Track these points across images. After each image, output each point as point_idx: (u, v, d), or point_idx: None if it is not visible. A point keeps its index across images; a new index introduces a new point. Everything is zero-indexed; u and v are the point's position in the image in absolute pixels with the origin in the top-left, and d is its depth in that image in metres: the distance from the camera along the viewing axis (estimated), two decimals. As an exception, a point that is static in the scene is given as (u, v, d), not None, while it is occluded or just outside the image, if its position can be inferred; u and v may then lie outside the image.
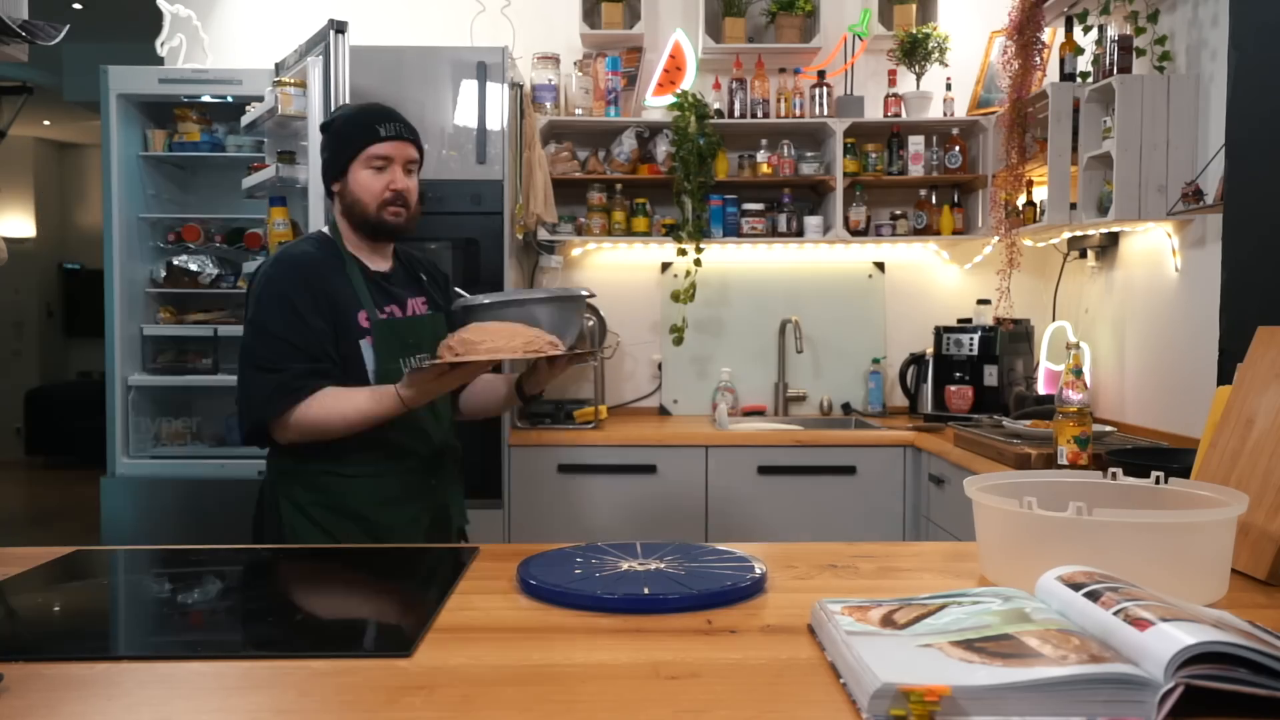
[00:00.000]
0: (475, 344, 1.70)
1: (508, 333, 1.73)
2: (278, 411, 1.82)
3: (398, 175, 1.95)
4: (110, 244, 3.73)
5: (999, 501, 1.28)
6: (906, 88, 3.90)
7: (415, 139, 2.00)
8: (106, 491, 3.62)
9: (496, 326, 1.76)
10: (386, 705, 0.93)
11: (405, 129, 1.98)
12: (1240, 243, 1.80)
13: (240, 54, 4.04)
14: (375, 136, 1.94)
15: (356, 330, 1.91)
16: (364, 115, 1.98)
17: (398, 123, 1.97)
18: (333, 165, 1.98)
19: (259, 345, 1.85)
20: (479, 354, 1.68)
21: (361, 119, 1.97)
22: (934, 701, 0.83)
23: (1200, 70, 2.96)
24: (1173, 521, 1.19)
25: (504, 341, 1.71)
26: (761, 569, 1.34)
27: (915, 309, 4.09)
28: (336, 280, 1.92)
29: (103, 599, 1.39)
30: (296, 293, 1.86)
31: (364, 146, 1.94)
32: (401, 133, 1.96)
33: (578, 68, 3.93)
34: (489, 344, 1.69)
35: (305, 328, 1.85)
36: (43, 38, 1.62)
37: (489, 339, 1.70)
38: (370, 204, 1.94)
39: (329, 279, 1.91)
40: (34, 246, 9.53)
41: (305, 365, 1.84)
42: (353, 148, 1.95)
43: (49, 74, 7.04)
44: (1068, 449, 2.35)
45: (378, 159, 1.94)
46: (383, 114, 1.98)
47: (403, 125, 1.98)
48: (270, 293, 1.88)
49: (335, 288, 1.91)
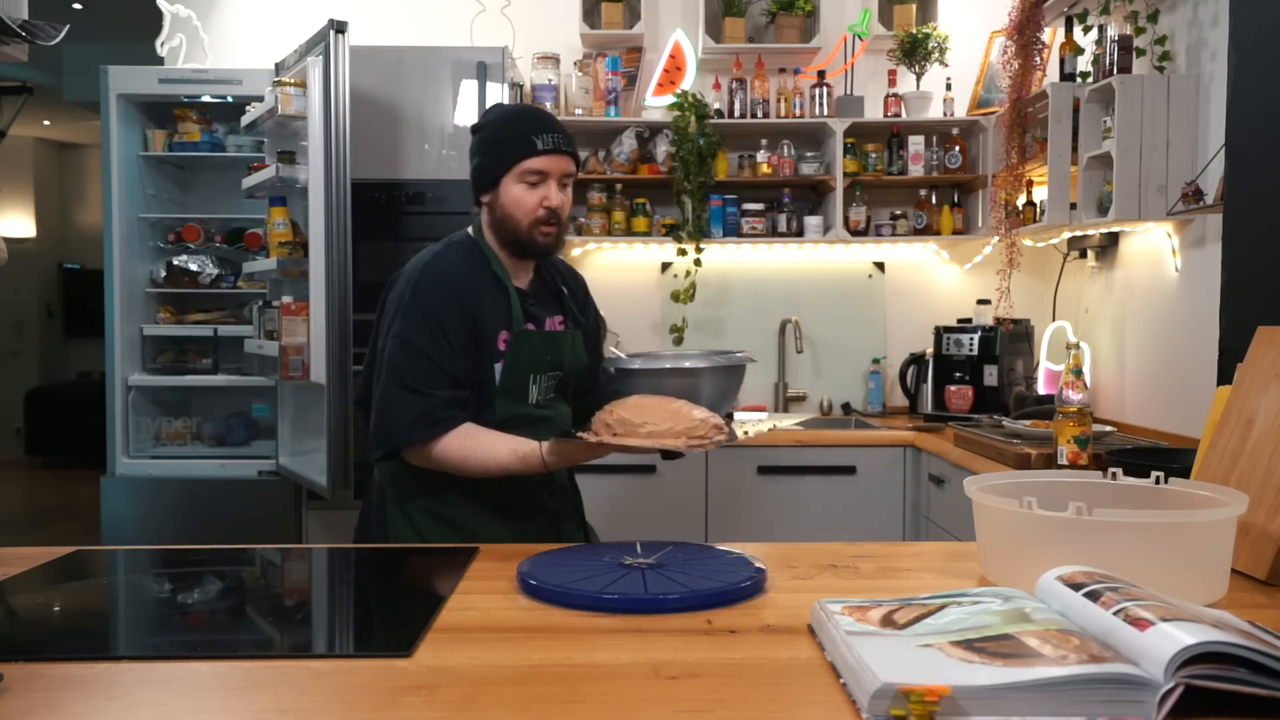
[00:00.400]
0: (635, 425, 1.54)
1: (669, 414, 1.56)
2: (420, 442, 1.75)
3: (552, 191, 1.81)
4: (110, 244, 3.73)
5: (999, 501, 1.28)
6: (906, 88, 3.90)
7: (572, 150, 1.84)
8: (106, 491, 3.62)
9: (656, 405, 1.59)
10: (386, 705, 0.93)
11: (563, 140, 1.82)
12: (1240, 243, 1.80)
13: (240, 54, 4.04)
14: (531, 149, 1.79)
15: (494, 353, 1.82)
16: (519, 124, 1.82)
17: (555, 134, 1.81)
18: (484, 176, 1.84)
19: (404, 362, 1.76)
20: (639, 437, 1.53)
21: (517, 128, 1.81)
22: (934, 701, 0.83)
23: (1200, 70, 2.96)
24: (1173, 521, 1.19)
25: (666, 425, 1.53)
26: (761, 569, 1.34)
27: (915, 309, 4.09)
28: (483, 298, 1.82)
29: (103, 599, 1.39)
30: (445, 310, 1.77)
31: (519, 160, 1.79)
32: (559, 145, 1.81)
33: (578, 68, 3.93)
34: (650, 427, 1.53)
35: (451, 349, 1.76)
36: (43, 38, 1.62)
37: (650, 420, 1.54)
38: (523, 221, 1.81)
39: (476, 297, 1.81)
40: (34, 246, 9.53)
41: (449, 392, 1.76)
42: (507, 160, 1.80)
43: (49, 74, 7.04)
44: (1068, 449, 2.35)
45: (532, 173, 1.79)
46: (540, 123, 1.81)
47: (560, 136, 1.82)
48: (418, 307, 1.78)
49: (481, 307, 1.81)
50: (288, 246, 3.29)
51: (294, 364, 3.17)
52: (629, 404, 1.60)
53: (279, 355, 3.20)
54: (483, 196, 1.86)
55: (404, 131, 3.43)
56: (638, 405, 1.59)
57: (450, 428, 1.75)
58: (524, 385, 1.85)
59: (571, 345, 1.94)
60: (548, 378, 1.90)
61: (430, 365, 1.75)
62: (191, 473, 3.64)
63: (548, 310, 1.93)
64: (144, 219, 3.88)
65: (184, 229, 3.91)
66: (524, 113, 1.87)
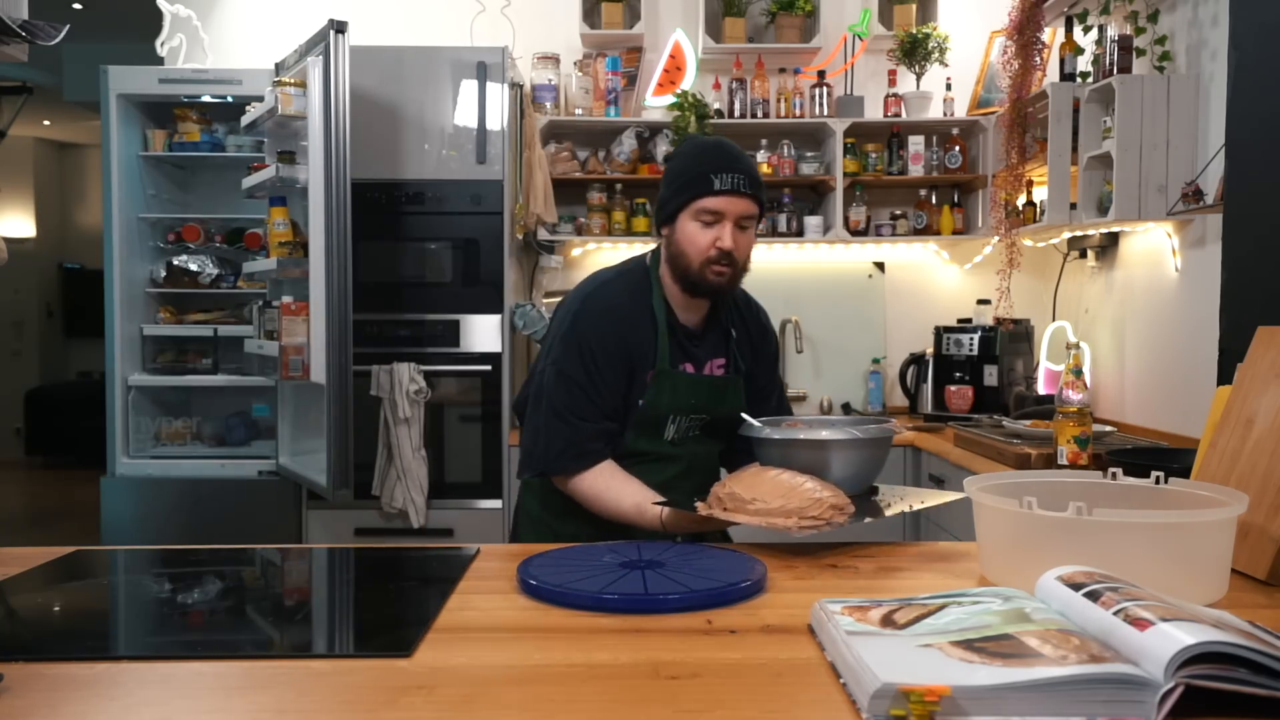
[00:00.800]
0: (744, 502, 1.49)
1: (782, 490, 1.49)
2: (564, 472, 1.81)
3: (726, 232, 1.77)
4: (110, 244, 3.73)
5: (999, 501, 1.28)
6: (906, 88, 3.90)
7: (754, 192, 1.79)
8: (106, 491, 3.62)
9: (772, 480, 1.53)
10: (386, 705, 0.93)
11: (744, 182, 1.77)
12: (1240, 243, 1.80)
13: (240, 54, 4.04)
14: (708, 189, 1.76)
15: (643, 388, 1.83)
16: (702, 161, 1.79)
17: (737, 174, 1.77)
18: (663, 209, 1.84)
19: (558, 391, 1.80)
20: (746, 514, 1.48)
21: (699, 165, 1.79)
22: (934, 701, 0.83)
23: (1200, 70, 2.96)
24: (1173, 521, 1.19)
25: (777, 503, 1.47)
26: (761, 569, 1.34)
27: (915, 309, 4.09)
28: (640, 336, 1.83)
29: (103, 599, 1.39)
30: (601, 345, 1.80)
31: (695, 197, 1.78)
32: (739, 186, 1.76)
33: (578, 68, 3.93)
34: (759, 504, 1.48)
35: (603, 381, 1.79)
36: (43, 38, 1.62)
37: (760, 497, 1.49)
38: (694, 260, 1.79)
39: (633, 334, 1.82)
40: (34, 246, 9.53)
41: (597, 425, 1.79)
42: (684, 196, 1.79)
43: (49, 74, 7.04)
44: (1068, 449, 2.35)
45: (708, 213, 1.77)
46: (721, 161, 1.78)
47: (742, 177, 1.77)
48: (575, 337, 1.81)
49: (636, 345, 1.82)
50: (288, 246, 3.29)
51: (294, 364, 3.17)
52: (744, 477, 1.57)
53: (279, 355, 3.20)
54: (663, 229, 1.85)
55: (404, 131, 3.43)
56: (753, 479, 1.55)
57: (594, 462, 1.79)
58: (661, 423, 1.85)
59: (726, 391, 1.90)
60: (689, 419, 1.88)
61: (582, 396, 1.79)
62: (191, 473, 3.64)
63: (711, 352, 1.91)
64: (144, 219, 3.88)
65: (184, 229, 3.91)
66: (709, 149, 1.82)
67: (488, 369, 3.46)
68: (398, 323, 3.46)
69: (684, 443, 1.90)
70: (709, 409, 1.89)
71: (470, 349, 3.47)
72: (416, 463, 3.37)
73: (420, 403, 3.38)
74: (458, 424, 3.50)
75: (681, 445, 1.90)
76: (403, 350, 3.44)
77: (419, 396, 3.37)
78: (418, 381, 3.36)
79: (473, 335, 3.47)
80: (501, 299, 3.46)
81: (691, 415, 1.88)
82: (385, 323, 3.45)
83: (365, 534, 3.45)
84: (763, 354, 2.01)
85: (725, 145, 1.83)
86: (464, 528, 3.45)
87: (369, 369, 3.34)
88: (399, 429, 3.35)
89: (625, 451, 1.84)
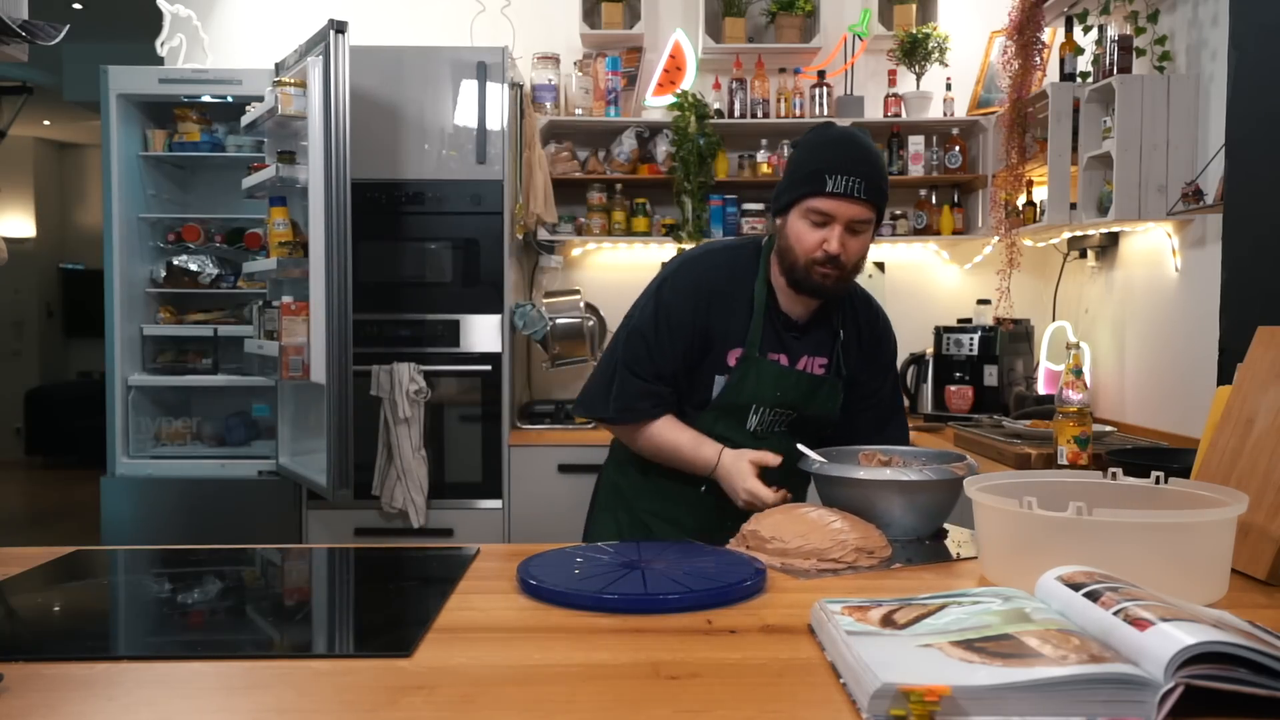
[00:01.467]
0: (764, 540, 1.47)
1: (803, 530, 1.46)
2: (610, 421, 1.87)
3: (835, 235, 1.70)
4: (110, 244, 3.73)
5: (999, 501, 1.28)
6: (906, 88, 3.90)
7: (871, 197, 1.70)
8: (106, 491, 3.62)
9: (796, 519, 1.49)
10: (386, 705, 0.93)
11: (860, 186, 1.68)
12: (1240, 243, 1.80)
13: (240, 54, 4.04)
14: (820, 189, 1.69)
15: (720, 365, 1.81)
16: (820, 157, 1.72)
17: (853, 178, 1.68)
18: (778, 200, 1.79)
19: (626, 343, 1.84)
20: (765, 555, 1.45)
21: (816, 161, 1.71)
22: (934, 701, 0.83)
23: (1200, 70, 2.96)
24: (1173, 521, 1.19)
25: (795, 543, 1.44)
26: (761, 569, 1.34)
27: (915, 309, 4.09)
28: (728, 312, 1.80)
29: (103, 599, 1.39)
30: (678, 313, 1.80)
31: (806, 196, 1.71)
32: (852, 190, 1.68)
33: (578, 68, 3.93)
34: (778, 544, 1.45)
35: (670, 346, 1.80)
36: (43, 38, 1.62)
37: (780, 536, 1.46)
38: (800, 258, 1.74)
39: (720, 308, 1.80)
40: (34, 246, 9.53)
41: (649, 384, 1.81)
42: (796, 191, 1.73)
43: (49, 74, 7.04)
44: (1068, 449, 2.35)
45: (816, 213, 1.71)
46: (839, 161, 1.69)
47: (858, 181, 1.68)
48: (657, 298, 1.83)
49: (721, 320, 1.80)
50: (288, 246, 3.29)
51: (294, 364, 3.17)
52: (772, 516, 1.53)
53: (279, 355, 3.20)
54: (777, 218, 1.81)
55: (404, 131, 3.43)
56: (779, 519, 1.51)
57: (641, 419, 1.83)
58: (743, 412, 1.83)
59: (818, 391, 1.85)
60: (773, 412, 1.84)
61: (645, 354, 1.81)
62: (191, 473, 3.64)
63: (813, 349, 1.85)
64: (144, 219, 3.88)
65: (184, 229, 3.91)
66: (831, 144, 1.74)
67: (488, 369, 3.46)
68: (398, 323, 3.46)
69: (768, 437, 1.85)
70: (796, 405, 1.84)
71: (470, 349, 3.47)
72: (416, 463, 3.37)
73: (420, 403, 3.38)
74: (458, 424, 3.50)
75: (765, 440, 1.84)
76: (403, 350, 3.44)
77: (419, 396, 3.37)
78: (418, 381, 3.36)
79: (473, 335, 3.47)
80: (501, 299, 3.46)
81: (776, 409, 1.84)
82: (385, 323, 3.45)
83: (365, 534, 3.45)
84: (875, 361, 1.93)
85: (849, 142, 1.74)
86: (464, 528, 3.45)
87: (369, 369, 3.34)
88: (399, 429, 3.35)
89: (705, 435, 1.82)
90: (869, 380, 1.92)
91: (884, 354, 1.96)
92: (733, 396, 1.82)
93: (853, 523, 1.49)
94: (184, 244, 3.92)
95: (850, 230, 1.72)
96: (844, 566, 1.41)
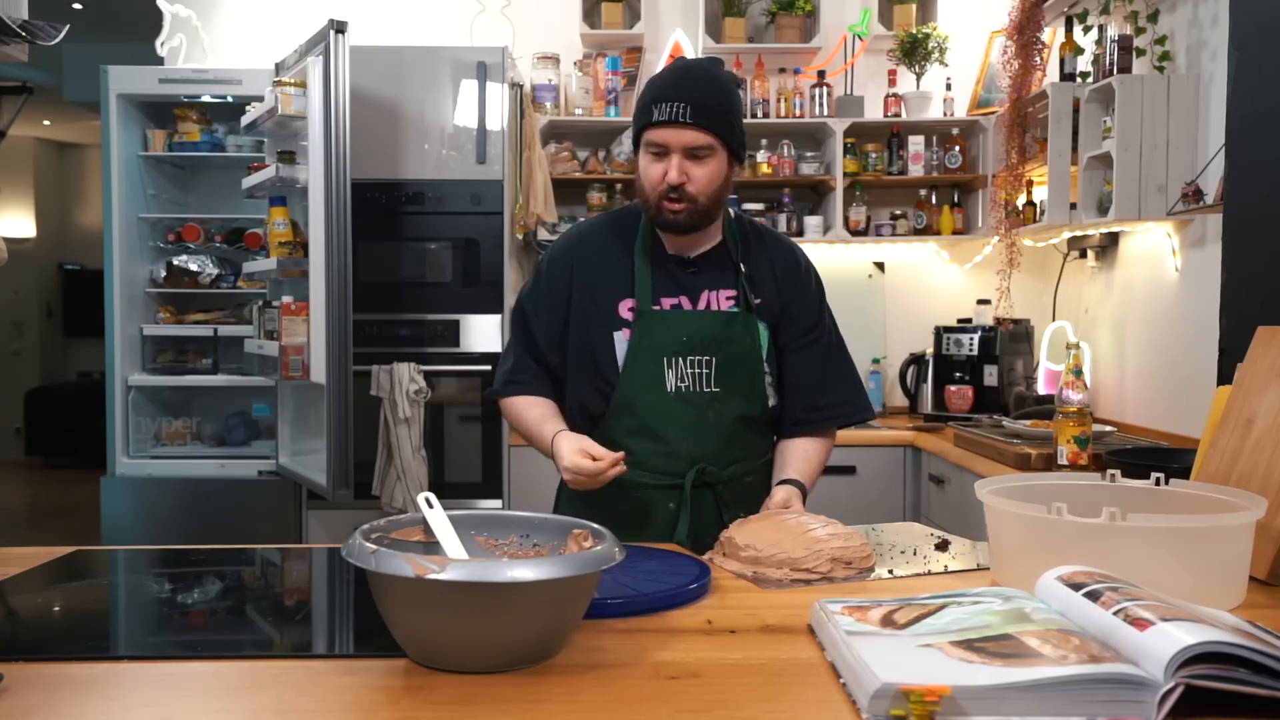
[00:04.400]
0: (739, 548, 1.40)
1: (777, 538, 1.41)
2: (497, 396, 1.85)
3: (674, 165, 1.65)
4: (110, 244, 3.73)
5: (1022, 508, 1.23)
6: (906, 88, 3.90)
7: (702, 121, 1.63)
8: (106, 491, 3.62)
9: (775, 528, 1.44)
10: (386, 705, 0.93)
11: (685, 110, 1.62)
12: (1240, 243, 1.80)
13: (240, 54, 4.04)
14: (648, 119, 1.66)
15: (613, 320, 1.73)
16: (650, 90, 1.68)
17: (679, 103, 1.63)
18: (632, 143, 1.76)
19: (514, 319, 1.86)
20: (739, 562, 1.40)
21: (647, 94, 1.68)
22: (934, 701, 0.83)
23: (1200, 70, 2.96)
24: (1205, 526, 1.16)
25: (769, 551, 1.37)
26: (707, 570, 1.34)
27: (915, 309, 4.09)
28: (609, 261, 1.76)
29: (103, 599, 1.39)
30: (552, 274, 1.79)
31: (641, 130, 1.69)
32: (678, 115, 1.62)
33: (578, 68, 3.93)
34: (751, 552, 1.38)
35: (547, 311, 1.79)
36: (43, 38, 1.62)
37: (755, 544, 1.39)
38: (649, 194, 1.69)
39: (600, 260, 1.76)
40: (34, 246, 9.52)
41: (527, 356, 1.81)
42: (634, 127, 1.72)
43: (49, 74, 7.04)
44: (1068, 449, 2.35)
45: (653, 145, 1.67)
46: (664, 91, 1.66)
47: (683, 106, 1.62)
48: (537, 269, 1.84)
49: (603, 272, 1.76)
50: (288, 246, 3.29)
51: (294, 364, 3.17)
52: (750, 523, 1.49)
53: (279, 355, 3.20)
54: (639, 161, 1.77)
55: (404, 131, 3.43)
56: (756, 525, 1.46)
57: (518, 392, 1.80)
58: (656, 372, 1.71)
59: (734, 327, 1.73)
60: (690, 362, 1.71)
61: (524, 326, 1.82)
62: (191, 473, 3.64)
63: (712, 283, 1.75)
64: (144, 219, 3.88)
65: (184, 229, 3.91)
66: (661, 76, 1.72)
67: (488, 369, 3.46)
68: (398, 323, 3.46)
69: (695, 400, 1.72)
70: (711, 349, 1.72)
71: (470, 349, 3.47)
72: (416, 463, 3.37)
73: (420, 403, 3.38)
74: (458, 424, 3.50)
75: (692, 403, 1.71)
76: (403, 350, 3.43)
77: (419, 396, 3.37)
78: (418, 381, 3.36)
79: (473, 335, 3.47)
80: (501, 299, 3.46)
81: (690, 356, 1.71)
82: (385, 323, 3.44)
83: (365, 534, 3.45)
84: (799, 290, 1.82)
85: (680, 70, 1.70)
86: (464, 528, 3.45)
87: (369, 369, 3.34)
88: (399, 429, 3.35)
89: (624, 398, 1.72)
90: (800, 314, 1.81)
91: (809, 283, 1.85)
92: (640, 355, 1.71)
93: (834, 529, 1.43)
94: (184, 244, 3.92)
95: (692, 157, 1.66)
96: (818, 577, 1.34)
